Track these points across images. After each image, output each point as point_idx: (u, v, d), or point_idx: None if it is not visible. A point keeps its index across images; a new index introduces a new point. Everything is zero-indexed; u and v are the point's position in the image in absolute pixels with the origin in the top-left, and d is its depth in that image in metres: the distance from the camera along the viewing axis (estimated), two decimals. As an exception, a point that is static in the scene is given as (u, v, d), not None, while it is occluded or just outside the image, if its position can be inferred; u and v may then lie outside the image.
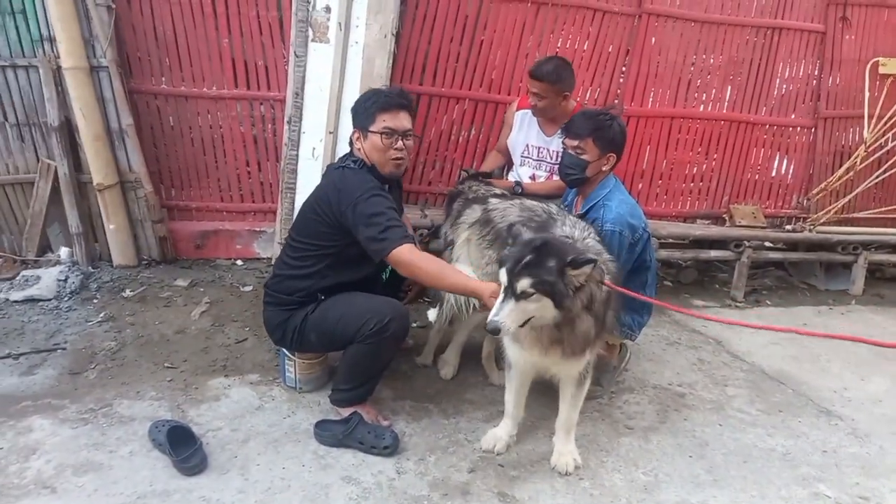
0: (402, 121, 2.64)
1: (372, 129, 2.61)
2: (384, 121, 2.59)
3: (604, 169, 2.97)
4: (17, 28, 3.70)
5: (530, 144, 3.74)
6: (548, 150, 3.69)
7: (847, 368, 3.57)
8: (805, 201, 4.97)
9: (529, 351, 2.35)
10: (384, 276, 2.90)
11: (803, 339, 3.96)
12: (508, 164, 3.95)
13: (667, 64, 4.52)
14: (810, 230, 4.72)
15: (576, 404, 2.52)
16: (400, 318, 2.55)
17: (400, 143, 2.63)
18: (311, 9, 3.62)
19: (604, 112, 2.99)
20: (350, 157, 2.72)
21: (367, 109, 2.64)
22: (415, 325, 3.69)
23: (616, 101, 4.48)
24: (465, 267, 2.80)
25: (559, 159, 3.59)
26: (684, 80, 4.60)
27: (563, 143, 3.03)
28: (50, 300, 3.63)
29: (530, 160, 3.77)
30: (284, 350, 2.85)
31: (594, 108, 3.09)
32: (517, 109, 3.78)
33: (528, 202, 2.81)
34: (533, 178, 3.75)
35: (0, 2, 3.63)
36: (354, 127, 2.72)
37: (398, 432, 2.58)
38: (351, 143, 2.76)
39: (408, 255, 2.42)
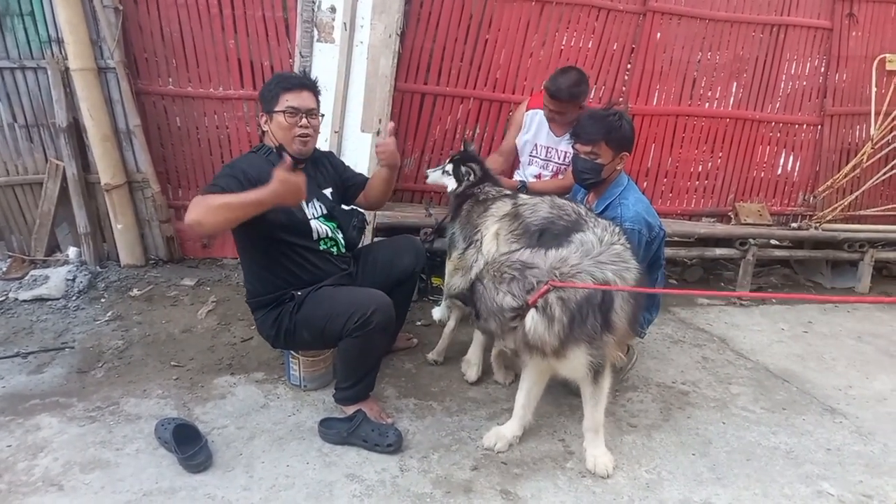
0: (306, 100, 2.66)
1: (276, 109, 2.63)
2: (287, 100, 2.62)
3: (618, 168, 2.95)
4: (25, 30, 3.74)
5: (539, 144, 3.75)
6: (556, 151, 3.70)
7: (852, 367, 3.56)
8: (811, 199, 4.96)
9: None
10: (336, 251, 2.84)
11: (808, 336, 3.97)
12: (509, 168, 3.95)
13: (672, 61, 4.52)
14: (816, 228, 4.71)
15: (596, 405, 2.49)
16: (382, 308, 2.56)
17: (305, 121, 2.64)
18: (316, 9, 3.63)
19: (611, 112, 2.91)
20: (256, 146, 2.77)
21: (270, 92, 2.66)
22: (419, 323, 3.71)
23: (620, 99, 4.48)
24: None
25: (566, 159, 3.60)
26: (689, 77, 4.59)
27: (573, 147, 2.96)
28: (58, 299, 3.67)
29: (538, 160, 3.77)
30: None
31: (600, 109, 3.03)
32: (527, 109, 3.78)
33: (559, 200, 2.76)
34: (538, 177, 3.75)
35: (8, 4, 3.68)
36: (262, 113, 2.72)
37: (402, 430, 2.59)
38: (263, 133, 2.77)
39: (191, 203, 2.31)
